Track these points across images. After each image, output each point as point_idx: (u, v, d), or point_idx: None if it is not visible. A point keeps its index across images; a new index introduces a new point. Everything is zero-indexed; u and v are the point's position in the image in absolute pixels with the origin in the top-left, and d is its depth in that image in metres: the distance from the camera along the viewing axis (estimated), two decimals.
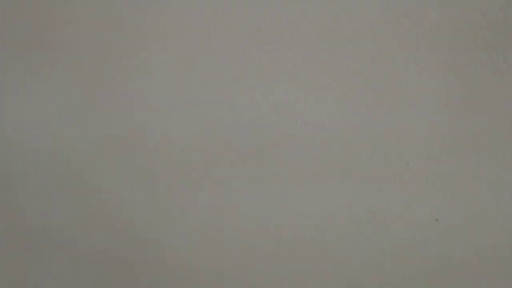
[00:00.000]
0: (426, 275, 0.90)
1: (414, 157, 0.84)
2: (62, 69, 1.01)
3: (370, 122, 0.84)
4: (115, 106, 1.00)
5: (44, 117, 1.05)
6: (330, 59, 0.83)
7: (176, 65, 0.92)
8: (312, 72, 0.85)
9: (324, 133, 0.87)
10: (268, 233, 0.96)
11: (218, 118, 0.92)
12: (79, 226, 1.09)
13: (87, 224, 1.09)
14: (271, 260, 0.98)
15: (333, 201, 0.90)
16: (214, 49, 0.89)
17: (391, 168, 0.86)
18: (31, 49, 1.03)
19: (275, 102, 0.88)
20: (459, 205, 0.85)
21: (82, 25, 0.98)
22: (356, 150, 0.86)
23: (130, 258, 1.08)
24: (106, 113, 1.01)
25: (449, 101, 0.80)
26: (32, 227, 1.13)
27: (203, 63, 0.91)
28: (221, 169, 0.95)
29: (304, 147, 0.89)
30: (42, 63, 1.03)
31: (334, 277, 0.95)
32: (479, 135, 0.80)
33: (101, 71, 0.99)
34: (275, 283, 0.99)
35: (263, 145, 0.91)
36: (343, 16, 0.81)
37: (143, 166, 1.01)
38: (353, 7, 0.80)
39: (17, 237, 1.16)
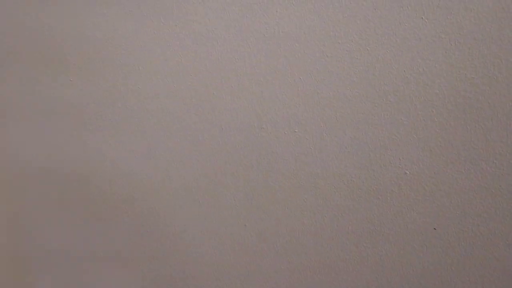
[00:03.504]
0: (424, 283, 0.91)
1: (412, 166, 0.85)
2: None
3: (368, 131, 0.85)
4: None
5: None
6: (328, 69, 0.84)
7: (178, 68, 0.93)
8: (310, 83, 0.85)
9: (322, 142, 0.88)
10: (267, 242, 0.97)
11: (222, 128, 0.93)
12: None
13: None
14: (271, 264, 0.99)
15: (332, 209, 0.91)
16: (214, 56, 0.90)
17: (389, 177, 0.86)
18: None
19: (274, 112, 0.89)
20: (456, 214, 0.85)
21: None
22: (355, 159, 0.87)
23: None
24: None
25: (445, 111, 0.80)
26: None
27: (203, 72, 0.92)
28: (225, 175, 0.96)
29: (302, 156, 0.90)
30: None
31: (335, 282, 0.96)
32: (476, 145, 0.81)
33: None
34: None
35: (263, 153, 0.92)
36: (340, 22, 0.81)
37: None
38: (354, 15, 0.81)
39: None
